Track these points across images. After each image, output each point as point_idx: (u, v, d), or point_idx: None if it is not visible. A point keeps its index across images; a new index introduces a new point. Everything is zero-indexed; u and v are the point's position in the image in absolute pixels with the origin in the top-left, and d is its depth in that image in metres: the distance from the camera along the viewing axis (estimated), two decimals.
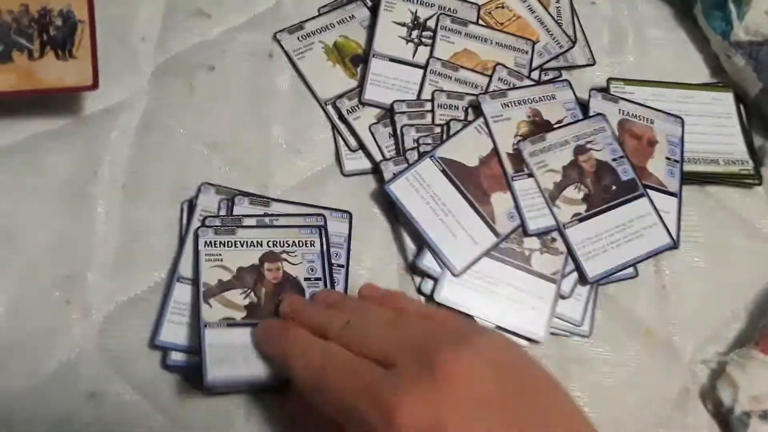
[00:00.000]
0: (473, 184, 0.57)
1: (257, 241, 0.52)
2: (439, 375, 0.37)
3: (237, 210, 0.53)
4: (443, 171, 0.56)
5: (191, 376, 0.49)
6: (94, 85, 0.52)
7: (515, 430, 0.36)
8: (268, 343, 0.47)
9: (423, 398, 0.36)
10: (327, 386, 0.40)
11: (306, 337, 0.44)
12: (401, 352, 0.39)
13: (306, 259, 0.52)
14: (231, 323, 0.48)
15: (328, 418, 0.41)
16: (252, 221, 0.53)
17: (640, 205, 0.58)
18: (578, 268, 0.56)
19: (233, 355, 0.47)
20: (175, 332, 0.49)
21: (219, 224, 0.52)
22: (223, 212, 0.53)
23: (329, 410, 0.40)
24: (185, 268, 0.51)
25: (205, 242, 0.51)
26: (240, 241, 0.51)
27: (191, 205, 0.54)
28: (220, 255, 0.51)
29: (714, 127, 0.65)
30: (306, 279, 0.51)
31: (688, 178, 0.61)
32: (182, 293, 0.51)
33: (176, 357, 0.49)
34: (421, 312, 0.46)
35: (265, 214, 0.53)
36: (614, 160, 0.59)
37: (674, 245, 0.57)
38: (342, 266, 0.54)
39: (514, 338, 0.54)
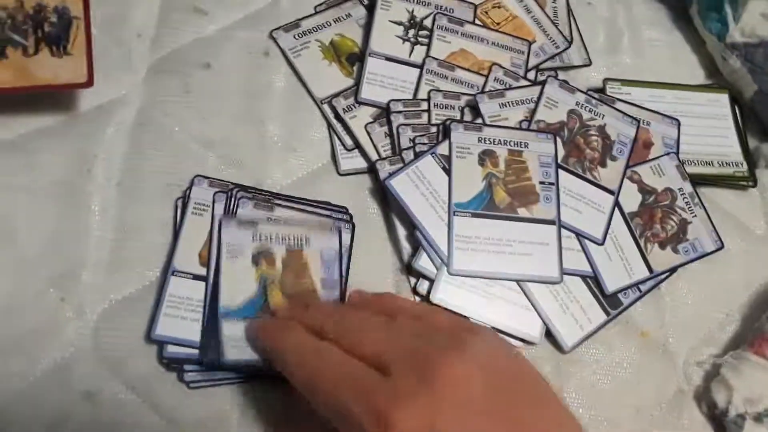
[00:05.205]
0: None
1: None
2: (434, 384, 0.38)
3: (241, 212, 0.53)
4: (444, 168, 0.56)
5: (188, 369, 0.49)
6: (89, 82, 0.52)
7: None
8: (262, 339, 0.47)
9: (418, 408, 0.37)
10: (321, 387, 0.41)
11: (301, 335, 0.45)
12: (396, 359, 0.40)
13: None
14: None
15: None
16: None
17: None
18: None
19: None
20: (172, 326, 0.49)
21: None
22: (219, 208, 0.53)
23: (321, 409, 0.41)
24: (180, 262, 0.51)
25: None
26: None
27: (185, 198, 0.54)
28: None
29: (709, 129, 0.65)
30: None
31: None
32: (177, 287, 0.51)
33: (173, 350, 0.49)
34: (413, 312, 0.47)
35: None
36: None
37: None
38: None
39: (508, 338, 0.54)
